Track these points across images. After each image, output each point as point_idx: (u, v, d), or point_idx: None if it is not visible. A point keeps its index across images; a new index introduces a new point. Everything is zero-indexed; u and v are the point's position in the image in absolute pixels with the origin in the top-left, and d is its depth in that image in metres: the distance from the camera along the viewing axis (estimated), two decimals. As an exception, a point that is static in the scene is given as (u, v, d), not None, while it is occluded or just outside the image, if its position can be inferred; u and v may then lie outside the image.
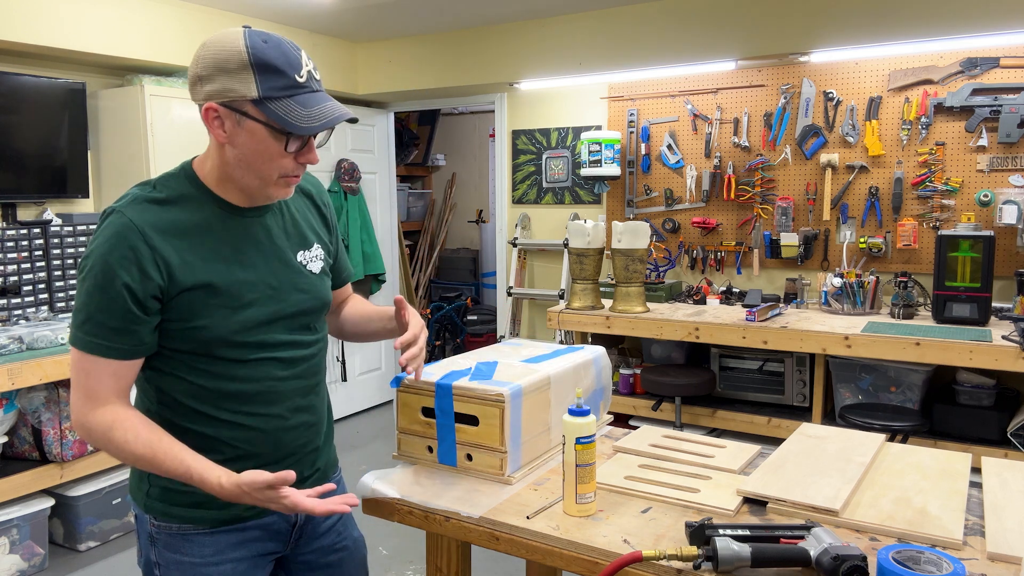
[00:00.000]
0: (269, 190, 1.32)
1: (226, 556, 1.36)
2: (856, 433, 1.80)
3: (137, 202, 1.27)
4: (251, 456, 1.34)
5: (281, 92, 1.23)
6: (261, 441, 1.36)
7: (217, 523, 1.35)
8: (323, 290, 1.46)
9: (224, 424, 1.33)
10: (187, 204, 1.30)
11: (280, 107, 1.23)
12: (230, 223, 1.33)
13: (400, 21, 4.34)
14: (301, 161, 1.30)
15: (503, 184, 4.79)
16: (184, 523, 1.35)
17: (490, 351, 1.92)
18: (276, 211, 1.41)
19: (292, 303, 1.38)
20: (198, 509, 1.34)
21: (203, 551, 1.35)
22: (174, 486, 1.32)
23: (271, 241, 1.38)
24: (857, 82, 3.63)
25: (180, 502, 1.34)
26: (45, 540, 3.16)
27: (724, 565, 1.18)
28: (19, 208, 3.50)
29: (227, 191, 1.33)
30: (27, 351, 3.00)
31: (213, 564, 1.35)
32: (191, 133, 3.80)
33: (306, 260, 1.43)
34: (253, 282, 1.33)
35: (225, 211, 1.33)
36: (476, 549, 1.58)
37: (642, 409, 3.77)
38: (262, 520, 1.40)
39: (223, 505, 1.31)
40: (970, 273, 3.14)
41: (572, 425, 1.39)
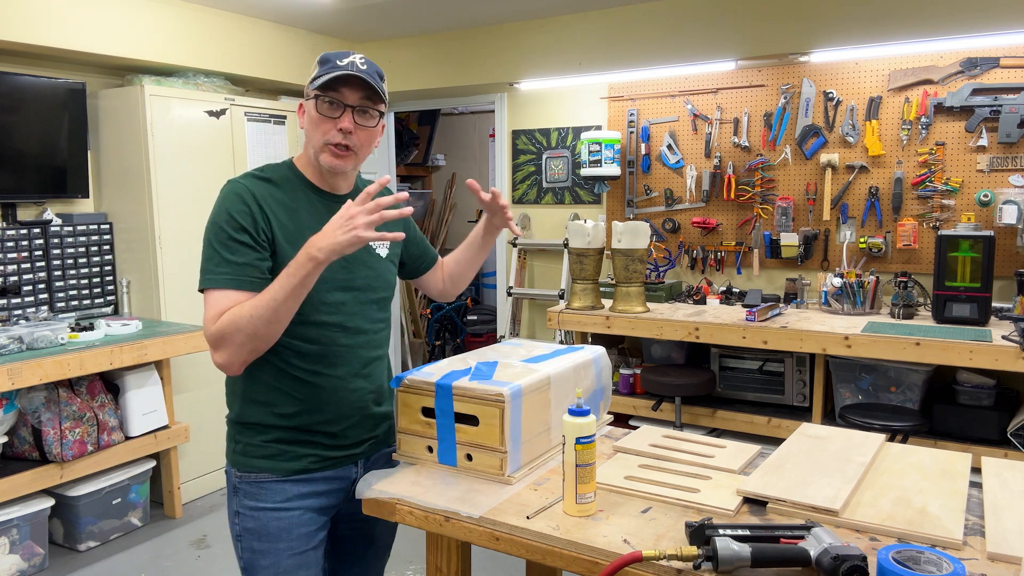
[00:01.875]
0: (321, 157, 1.56)
1: (294, 503, 1.58)
2: (856, 433, 1.80)
3: (246, 177, 1.58)
4: (315, 411, 1.58)
5: (325, 72, 1.52)
6: (324, 398, 1.58)
7: (288, 472, 1.58)
8: (388, 273, 1.71)
9: (294, 380, 1.56)
10: (284, 184, 1.59)
11: (319, 80, 1.52)
12: (315, 201, 1.60)
13: (400, 21, 4.34)
14: (339, 128, 1.53)
15: (503, 184, 4.79)
16: (261, 472, 1.58)
17: (490, 351, 1.92)
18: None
19: (360, 276, 1.63)
20: (271, 460, 1.58)
21: (275, 497, 1.57)
22: (254, 442, 1.58)
23: None
24: (857, 82, 3.63)
25: (258, 454, 1.58)
26: (45, 540, 3.16)
27: (724, 565, 1.18)
28: (19, 208, 3.50)
29: (311, 173, 1.62)
30: (27, 351, 3.00)
31: (283, 509, 1.57)
32: (191, 133, 3.80)
33: (375, 244, 1.67)
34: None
35: (312, 192, 1.61)
36: (476, 549, 1.58)
37: (642, 409, 3.77)
38: (326, 472, 1.62)
39: (292, 458, 1.58)
40: (970, 273, 3.14)
41: (572, 425, 1.39)
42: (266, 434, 1.58)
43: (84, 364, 3.07)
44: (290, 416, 1.57)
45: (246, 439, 1.60)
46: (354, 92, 1.53)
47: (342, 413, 1.61)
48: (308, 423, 1.57)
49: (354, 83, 1.52)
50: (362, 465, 1.69)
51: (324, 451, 1.61)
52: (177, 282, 3.75)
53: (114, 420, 3.34)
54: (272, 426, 1.58)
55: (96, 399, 3.30)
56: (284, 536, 1.57)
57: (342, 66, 1.51)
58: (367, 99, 1.55)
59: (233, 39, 4.07)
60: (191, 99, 3.80)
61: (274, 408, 1.57)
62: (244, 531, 1.59)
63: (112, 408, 3.35)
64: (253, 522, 1.57)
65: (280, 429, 1.58)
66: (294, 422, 1.57)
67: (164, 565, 3.21)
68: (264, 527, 1.57)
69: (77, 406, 3.18)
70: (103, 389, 3.36)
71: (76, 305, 3.68)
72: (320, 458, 1.60)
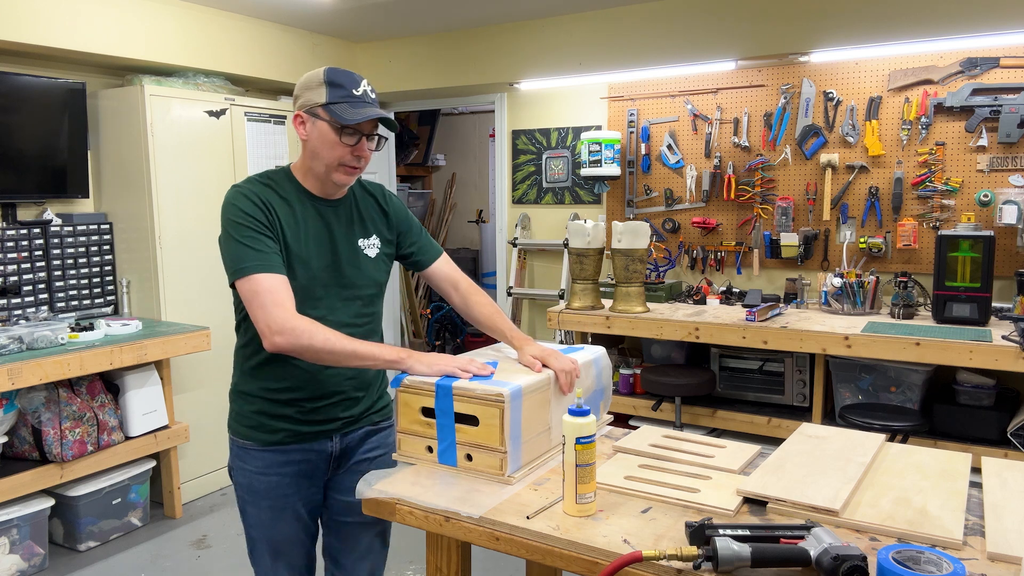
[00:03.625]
0: (332, 175, 1.72)
1: (273, 470, 1.78)
2: (856, 433, 1.80)
3: (249, 181, 1.75)
4: (295, 389, 1.75)
5: (340, 99, 1.68)
6: (304, 379, 1.75)
7: (265, 443, 1.77)
8: (375, 271, 1.84)
9: (283, 361, 1.72)
10: (283, 189, 1.74)
11: (338, 109, 1.67)
12: (310, 207, 1.76)
13: (400, 21, 4.33)
14: (355, 154, 1.70)
15: (503, 184, 4.79)
16: (246, 440, 1.79)
17: (490, 351, 1.92)
18: (346, 204, 1.82)
19: (345, 276, 1.77)
20: (254, 430, 1.78)
21: (257, 463, 1.78)
22: (243, 411, 1.79)
23: (338, 225, 1.79)
24: (857, 82, 3.63)
25: (244, 423, 1.80)
26: (45, 540, 3.16)
27: (724, 565, 1.18)
28: (19, 208, 3.50)
29: (309, 182, 1.77)
30: (27, 351, 3.00)
31: (263, 475, 1.78)
32: (191, 133, 3.80)
33: (364, 246, 1.82)
34: (316, 251, 1.73)
35: (308, 198, 1.76)
36: (476, 549, 1.58)
37: (642, 409, 3.77)
38: (301, 445, 1.79)
39: (270, 431, 1.77)
40: (970, 273, 3.14)
41: (572, 425, 1.39)
42: (252, 405, 1.78)
43: (84, 364, 3.07)
44: (274, 391, 1.76)
45: (237, 407, 1.82)
46: (371, 122, 1.72)
47: (319, 394, 1.77)
48: (288, 399, 1.76)
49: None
50: (338, 439, 1.84)
51: (297, 426, 1.78)
52: (177, 282, 3.75)
53: (114, 420, 3.34)
54: (258, 397, 1.77)
55: (96, 399, 3.30)
56: (265, 494, 1.79)
57: (358, 96, 1.69)
58: (375, 128, 1.74)
59: (233, 39, 4.07)
60: (191, 99, 3.80)
61: (262, 382, 1.76)
62: (237, 483, 1.83)
63: (112, 408, 3.35)
64: (243, 478, 1.81)
65: (264, 401, 1.77)
66: (276, 396, 1.76)
67: (164, 565, 3.21)
68: (251, 484, 1.79)
69: (77, 406, 3.18)
70: (103, 389, 3.36)
71: (76, 305, 3.68)
72: (293, 433, 1.78)
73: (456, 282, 1.97)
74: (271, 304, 1.59)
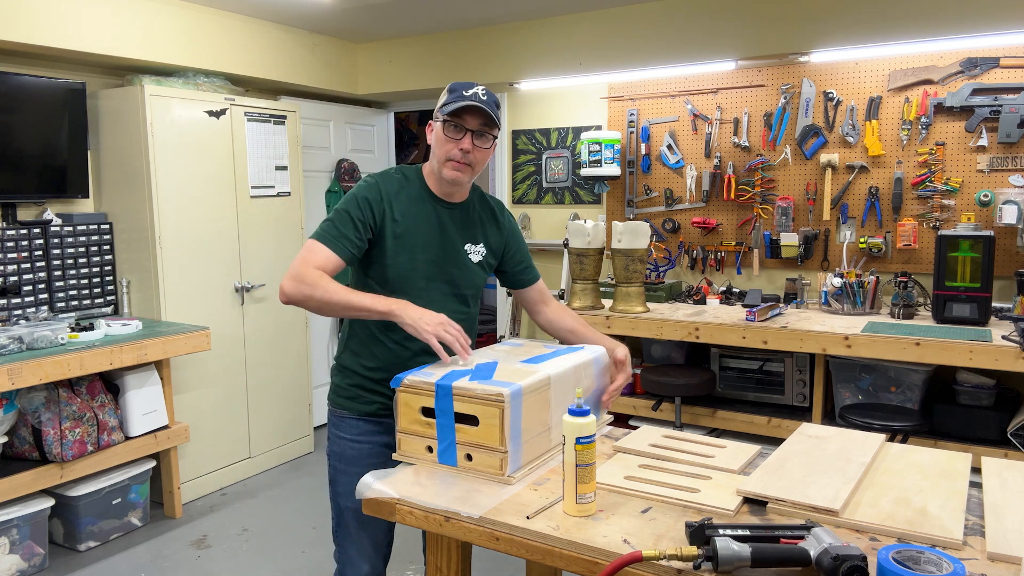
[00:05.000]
0: (443, 171, 1.87)
1: (365, 438, 1.95)
2: (856, 433, 1.80)
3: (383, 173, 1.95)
4: (387, 369, 1.88)
5: (451, 101, 1.84)
6: (397, 362, 1.89)
7: (362, 413, 1.96)
8: (475, 276, 2.00)
9: (380, 343, 1.91)
10: (411, 185, 1.93)
11: (446, 108, 1.84)
12: (429, 205, 1.93)
13: (400, 21, 4.34)
14: (460, 148, 1.84)
15: (503, 184, 4.79)
16: (343, 409, 1.98)
17: (490, 351, 1.92)
18: (463, 209, 1.98)
19: (448, 272, 1.94)
20: (351, 401, 1.97)
21: (352, 431, 1.96)
22: (342, 384, 1.98)
23: (451, 226, 1.95)
24: (857, 82, 3.63)
25: (343, 395, 1.98)
26: (45, 540, 3.16)
27: (724, 565, 1.18)
28: (19, 208, 3.50)
29: (432, 182, 1.95)
30: (27, 351, 3.00)
31: (357, 441, 1.96)
32: (191, 133, 3.80)
33: (470, 250, 1.98)
34: (425, 246, 1.90)
35: (429, 197, 1.93)
36: (476, 549, 1.58)
37: (642, 409, 3.77)
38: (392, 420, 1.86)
39: (366, 402, 1.95)
40: (970, 273, 3.14)
41: (572, 425, 1.39)
42: (351, 378, 1.96)
43: (84, 364, 3.07)
44: (371, 369, 1.93)
45: (337, 380, 2.00)
46: (475, 119, 1.84)
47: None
48: (382, 377, 1.90)
49: (475, 111, 1.83)
50: None
51: (390, 401, 1.89)
52: (177, 282, 3.75)
53: (114, 420, 3.34)
54: (356, 373, 1.95)
55: (96, 399, 3.30)
56: (356, 462, 1.94)
57: (467, 96, 1.82)
58: (484, 125, 1.86)
59: (233, 39, 4.07)
60: (191, 99, 3.80)
61: (361, 359, 1.95)
62: (331, 452, 2.00)
63: (112, 408, 3.35)
64: (337, 446, 1.98)
65: (361, 376, 1.95)
66: (372, 374, 1.93)
67: (164, 565, 3.21)
68: (343, 451, 1.97)
69: (77, 406, 3.18)
70: (103, 389, 3.36)
71: (76, 305, 3.68)
72: (386, 406, 1.93)
73: (548, 301, 2.19)
74: (302, 262, 1.78)
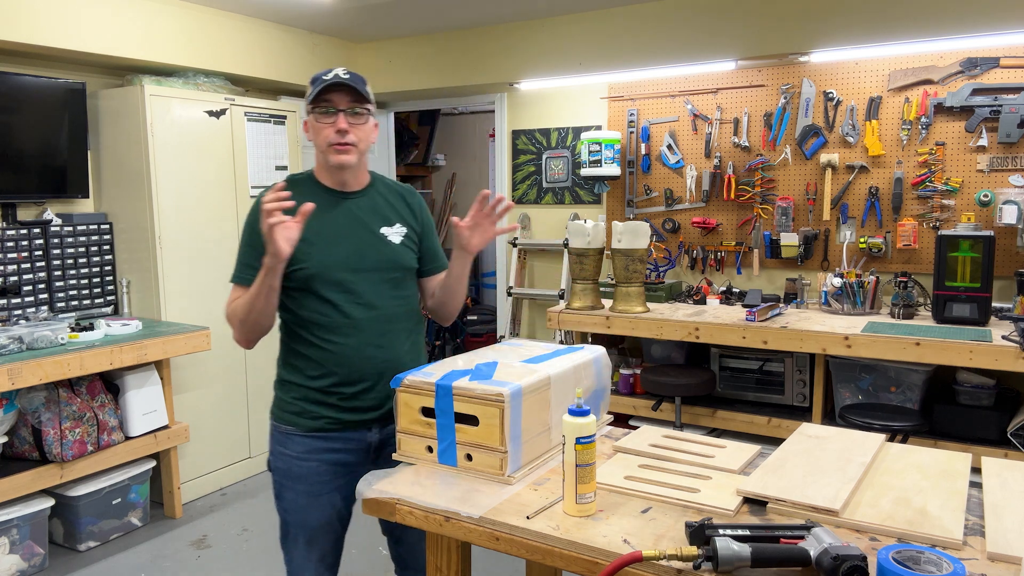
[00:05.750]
0: (329, 158, 1.82)
1: (313, 456, 1.85)
2: (856, 433, 1.80)
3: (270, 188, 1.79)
4: (332, 374, 1.82)
5: (316, 87, 1.79)
6: (339, 363, 1.82)
7: (309, 429, 1.85)
8: (401, 256, 1.91)
9: (316, 348, 1.83)
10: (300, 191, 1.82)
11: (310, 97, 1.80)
12: (326, 200, 1.85)
13: (400, 21, 4.33)
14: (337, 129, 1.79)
15: (503, 184, 4.79)
16: (288, 425, 1.88)
17: (490, 351, 1.92)
18: (369, 196, 1.92)
19: (370, 259, 1.86)
20: (297, 416, 1.86)
21: (298, 448, 1.86)
22: (286, 399, 1.89)
23: (359, 215, 1.89)
24: (857, 82, 3.63)
25: (287, 410, 1.88)
26: (45, 540, 3.16)
27: (724, 565, 1.18)
28: (19, 208, 3.50)
29: (324, 177, 1.89)
30: (27, 351, 3.00)
31: (303, 459, 1.86)
32: (191, 133, 3.80)
33: (388, 233, 1.90)
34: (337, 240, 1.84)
35: (324, 192, 1.88)
36: (476, 549, 1.58)
37: (642, 409, 3.77)
38: (343, 434, 1.85)
39: (312, 417, 1.85)
40: (970, 273, 3.14)
41: (572, 425, 1.39)
42: (295, 392, 1.87)
43: (84, 364, 3.07)
44: (313, 378, 1.84)
45: (280, 394, 1.91)
46: (342, 97, 1.79)
47: (356, 378, 1.83)
48: (326, 385, 1.83)
49: (340, 90, 1.79)
50: (377, 430, 1.88)
51: (339, 413, 1.84)
52: (177, 282, 3.75)
53: (114, 420, 3.34)
54: (299, 385, 1.86)
55: (96, 399, 3.30)
56: (303, 480, 1.87)
57: (328, 79, 1.78)
58: (354, 101, 1.81)
59: (233, 39, 4.07)
60: (191, 99, 3.80)
61: (302, 371, 1.85)
62: (276, 467, 1.91)
63: (112, 408, 3.35)
64: (282, 463, 1.89)
65: (305, 389, 1.85)
66: (316, 384, 1.84)
67: (164, 565, 3.21)
68: (289, 469, 1.88)
69: (77, 406, 3.18)
70: (103, 389, 3.36)
71: (76, 305, 3.68)
72: (335, 420, 1.84)
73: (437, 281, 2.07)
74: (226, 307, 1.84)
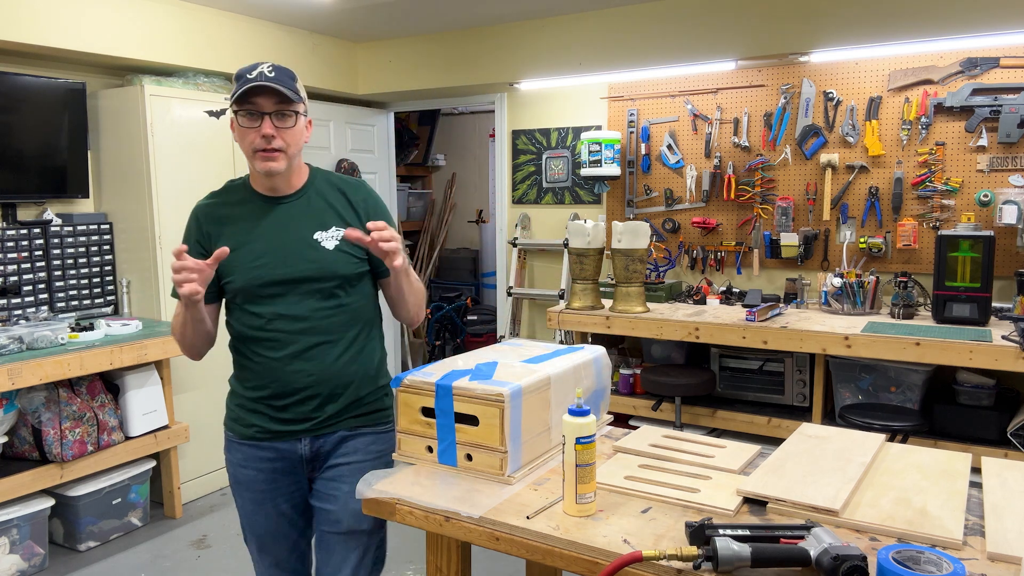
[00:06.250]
0: (256, 164, 1.71)
1: (250, 464, 1.83)
2: (856, 433, 1.80)
3: (204, 199, 1.84)
4: (264, 387, 1.78)
5: (239, 88, 1.66)
6: (268, 377, 1.77)
7: (243, 437, 1.83)
8: (335, 264, 1.77)
9: (250, 360, 1.80)
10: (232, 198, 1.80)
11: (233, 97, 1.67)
12: (258, 207, 1.78)
13: (400, 21, 4.33)
14: (263, 135, 1.67)
15: (503, 184, 4.79)
16: (229, 431, 1.87)
17: (490, 351, 1.92)
18: (303, 199, 1.80)
19: (300, 269, 1.74)
20: (234, 423, 1.85)
21: (237, 455, 1.85)
22: (230, 405, 1.87)
23: (290, 221, 1.77)
24: (857, 82, 3.63)
25: (229, 416, 1.88)
26: (45, 540, 3.16)
27: (724, 565, 1.18)
28: (19, 208, 3.50)
29: (256, 183, 1.80)
30: (27, 351, 3.00)
31: (243, 467, 1.84)
32: (191, 133, 3.80)
33: (322, 238, 1.76)
34: (263, 251, 1.74)
35: (258, 199, 1.79)
36: (476, 549, 1.58)
37: (642, 409, 3.77)
38: (273, 444, 1.81)
39: (245, 424, 1.82)
40: (970, 273, 3.14)
41: (572, 425, 1.39)
42: (236, 399, 1.86)
43: (84, 364, 3.07)
44: (249, 388, 1.81)
45: (227, 401, 1.90)
46: (267, 99, 1.67)
47: (283, 391, 1.77)
48: (257, 396, 1.80)
49: (265, 92, 1.66)
50: (307, 441, 1.81)
51: (268, 423, 1.80)
52: (177, 282, 3.74)
53: (114, 420, 3.34)
54: (238, 393, 1.85)
55: (96, 399, 3.30)
56: (247, 487, 1.85)
57: (252, 79, 1.65)
58: (281, 103, 1.68)
59: (233, 39, 4.07)
60: (191, 99, 3.80)
61: (242, 380, 1.84)
62: (228, 474, 1.91)
63: (112, 408, 3.35)
64: (230, 468, 1.88)
65: (241, 397, 1.84)
66: (251, 393, 1.81)
67: (164, 565, 3.21)
68: (235, 475, 1.87)
69: (77, 406, 3.18)
70: (103, 389, 3.36)
71: (76, 305, 3.67)
72: (264, 429, 1.81)
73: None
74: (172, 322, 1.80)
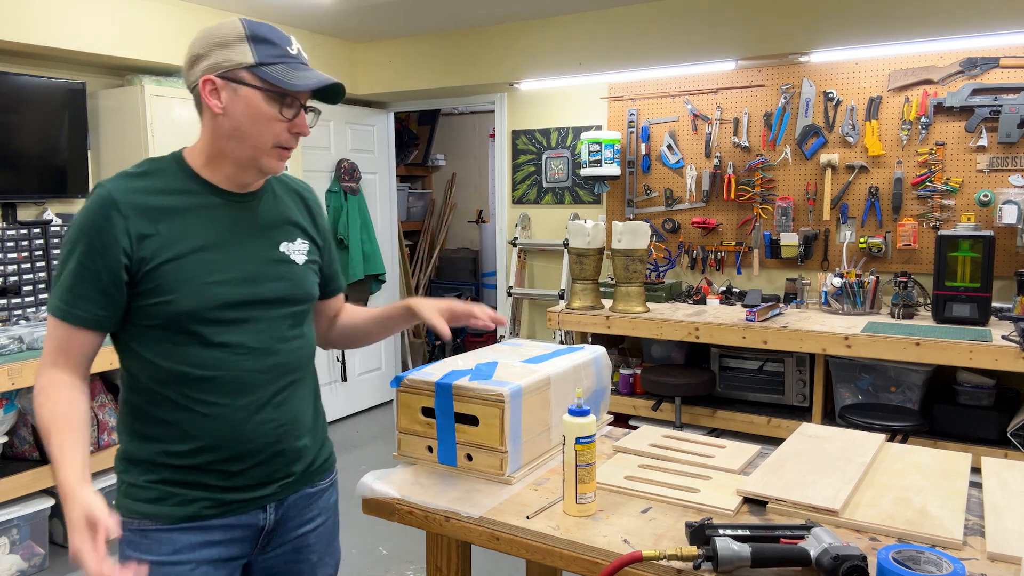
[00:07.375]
0: (262, 160, 1.32)
1: (184, 555, 1.30)
2: (856, 433, 1.80)
3: (117, 178, 1.30)
4: (212, 449, 1.30)
5: (275, 59, 1.29)
6: (224, 434, 1.30)
7: (176, 519, 1.30)
8: (307, 282, 1.43)
9: (189, 412, 1.29)
10: (166, 184, 1.32)
11: (275, 71, 1.28)
12: (213, 203, 1.34)
13: (400, 21, 4.34)
14: (294, 131, 1.32)
15: (503, 184, 4.79)
16: (144, 519, 1.29)
17: (490, 351, 1.92)
18: (264, 199, 1.41)
19: (270, 288, 1.35)
20: (156, 504, 1.30)
21: (162, 548, 1.29)
22: (138, 482, 1.31)
23: (253, 226, 1.37)
24: (857, 82, 3.63)
25: (142, 497, 1.30)
26: (45, 540, 3.16)
27: (724, 565, 1.18)
28: (19, 208, 3.50)
29: (215, 174, 1.35)
30: (27, 351, 3.00)
31: (172, 563, 1.29)
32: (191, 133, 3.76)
33: (290, 251, 1.41)
34: (225, 262, 1.31)
35: (209, 192, 1.34)
36: (476, 549, 1.58)
37: (642, 409, 3.77)
38: (226, 520, 1.33)
39: (181, 502, 1.30)
40: (970, 273, 3.14)
41: (572, 425, 1.39)
42: (154, 473, 1.30)
43: (84, 364, 3.06)
44: (182, 455, 1.29)
45: (130, 478, 1.32)
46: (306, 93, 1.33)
47: (245, 451, 1.32)
48: (202, 463, 1.30)
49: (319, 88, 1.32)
50: (273, 508, 1.39)
51: (220, 494, 1.32)
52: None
53: (114, 420, 3.34)
54: (162, 465, 1.30)
55: (96, 399, 3.30)
56: None
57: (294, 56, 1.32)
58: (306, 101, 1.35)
59: (233, 39, 4.06)
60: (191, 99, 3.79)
61: (165, 445, 1.30)
62: None
63: (112, 408, 3.35)
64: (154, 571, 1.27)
65: (170, 468, 1.30)
66: (186, 461, 1.30)
67: (164, 565, 3.20)
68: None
69: (77, 406, 3.18)
70: (103, 389, 3.36)
71: (76, 305, 3.67)
72: (214, 502, 1.32)
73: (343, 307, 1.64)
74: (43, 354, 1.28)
